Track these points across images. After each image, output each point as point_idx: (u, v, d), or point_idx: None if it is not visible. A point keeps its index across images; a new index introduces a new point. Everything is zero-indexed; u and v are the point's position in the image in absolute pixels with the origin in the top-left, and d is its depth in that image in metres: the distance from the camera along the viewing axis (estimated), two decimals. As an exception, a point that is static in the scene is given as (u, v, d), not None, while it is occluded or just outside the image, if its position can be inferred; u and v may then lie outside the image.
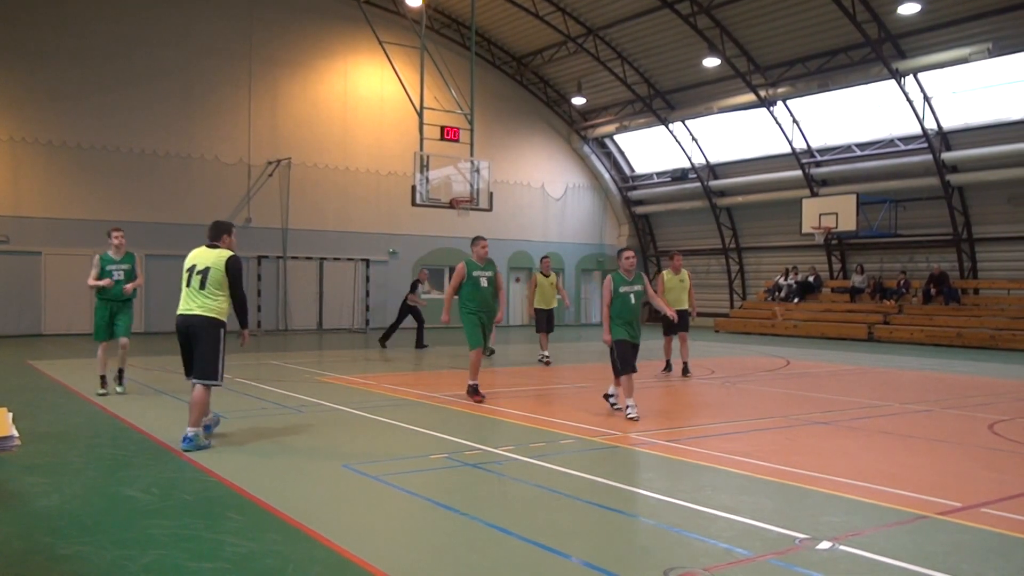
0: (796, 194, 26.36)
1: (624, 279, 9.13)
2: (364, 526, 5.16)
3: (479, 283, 10.31)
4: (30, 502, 5.44)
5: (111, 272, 10.46)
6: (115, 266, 10.52)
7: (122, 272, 10.51)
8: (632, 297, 9.09)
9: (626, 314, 9.04)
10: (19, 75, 21.94)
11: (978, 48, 20.44)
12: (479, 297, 10.31)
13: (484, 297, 10.37)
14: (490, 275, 10.44)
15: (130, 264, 10.69)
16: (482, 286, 10.33)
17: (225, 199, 24.73)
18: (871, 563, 4.41)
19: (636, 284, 9.16)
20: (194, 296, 7.40)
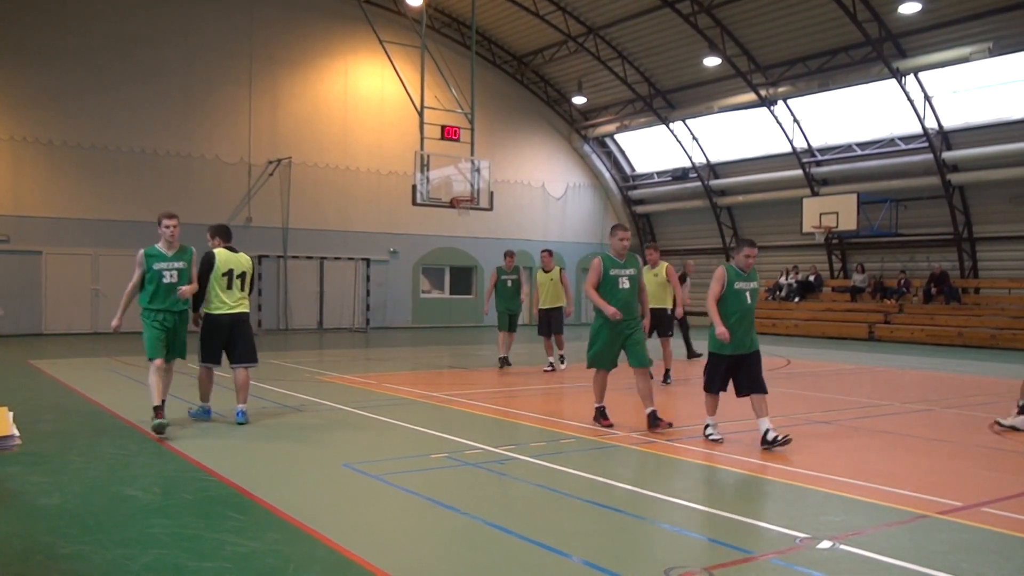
0: (797, 193, 26.34)
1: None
2: (365, 525, 5.16)
3: (617, 284, 8.25)
4: (31, 501, 5.45)
5: (161, 273, 8.05)
6: (166, 264, 8.10)
7: (175, 272, 8.09)
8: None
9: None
10: (20, 75, 21.94)
11: (979, 47, 20.42)
12: (618, 303, 8.19)
13: (626, 300, 8.28)
14: (632, 274, 8.34)
15: (186, 261, 8.25)
16: (621, 288, 8.25)
17: (226, 198, 24.74)
18: (872, 562, 4.41)
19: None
20: (237, 296, 8.69)
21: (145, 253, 8.11)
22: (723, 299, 7.56)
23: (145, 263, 8.06)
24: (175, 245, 8.23)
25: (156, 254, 8.16)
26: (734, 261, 7.74)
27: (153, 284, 8.01)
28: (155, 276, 8.02)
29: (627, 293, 8.26)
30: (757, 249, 7.80)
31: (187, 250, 8.34)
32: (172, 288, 8.03)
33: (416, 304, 28.51)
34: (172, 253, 8.20)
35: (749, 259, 7.63)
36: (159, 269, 8.05)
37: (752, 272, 7.76)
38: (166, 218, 8.23)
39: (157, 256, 8.14)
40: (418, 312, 28.51)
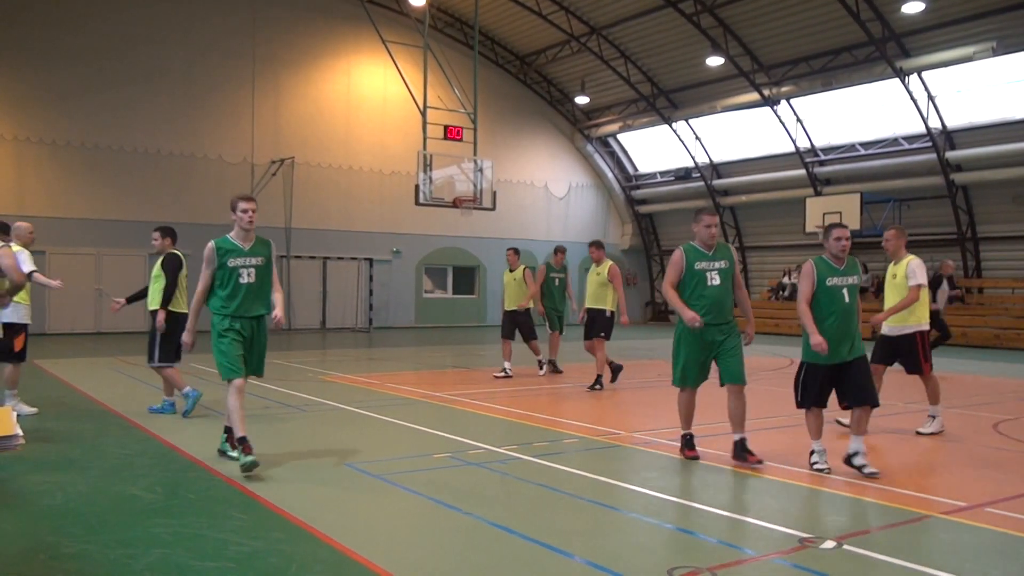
0: (800, 193, 26.32)
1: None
2: (367, 525, 5.16)
3: (705, 281, 6.85)
4: (34, 501, 5.45)
5: (237, 271, 6.51)
6: (243, 260, 6.54)
7: (253, 271, 6.57)
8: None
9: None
10: (23, 75, 21.98)
11: (982, 47, 20.38)
12: (706, 303, 6.80)
13: (716, 300, 6.84)
14: (725, 267, 6.93)
15: (265, 256, 6.69)
16: (711, 285, 6.83)
17: (228, 198, 24.48)
18: (875, 562, 4.40)
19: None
20: None
21: (216, 245, 6.50)
22: (816, 300, 6.57)
23: (216, 258, 6.47)
24: (252, 236, 6.65)
25: (231, 247, 6.54)
26: (826, 251, 6.63)
27: (228, 285, 6.48)
28: (229, 275, 6.48)
29: (718, 291, 6.84)
30: (848, 230, 6.67)
31: (266, 243, 6.76)
32: (251, 290, 6.52)
33: (419, 304, 28.52)
34: (249, 246, 6.60)
35: (840, 242, 6.53)
36: (234, 266, 6.47)
37: (851, 264, 6.64)
38: (243, 201, 6.61)
39: (232, 249, 6.53)
40: (421, 312, 28.52)
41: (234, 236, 6.66)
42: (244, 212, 6.62)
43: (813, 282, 6.56)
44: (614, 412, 9.79)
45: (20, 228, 9.30)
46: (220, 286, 6.54)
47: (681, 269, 6.91)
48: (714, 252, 6.97)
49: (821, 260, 6.62)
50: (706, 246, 6.97)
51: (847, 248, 6.55)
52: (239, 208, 6.63)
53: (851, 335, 6.54)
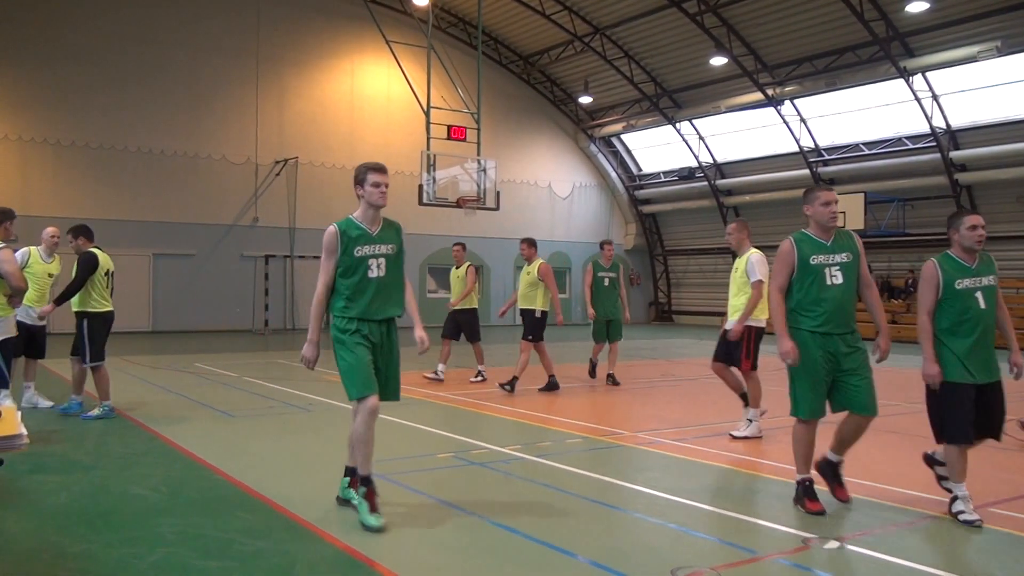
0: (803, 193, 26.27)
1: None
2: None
3: (824, 278, 5.36)
4: (39, 500, 5.47)
5: (365, 262, 5.22)
6: (371, 247, 5.26)
7: (382, 261, 5.27)
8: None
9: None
10: (27, 75, 22.03)
11: (987, 46, 20.35)
12: (826, 309, 5.31)
13: (839, 304, 5.32)
14: (847, 260, 5.39)
15: (396, 244, 5.41)
16: (831, 284, 5.34)
17: (232, 198, 24.80)
18: (879, 563, 4.40)
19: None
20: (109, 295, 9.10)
21: (340, 230, 5.19)
22: (943, 307, 5.22)
23: (340, 245, 5.16)
24: (379, 218, 5.36)
25: (358, 231, 5.21)
26: (955, 246, 5.27)
27: (353, 281, 5.15)
28: (355, 267, 5.14)
29: (840, 293, 5.31)
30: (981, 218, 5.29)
31: (396, 226, 5.48)
32: (382, 287, 5.21)
33: (422, 304, 28.21)
34: (378, 230, 5.29)
35: (976, 232, 5.19)
36: (362, 256, 5.13)
37: (984, 259, 5.29)
38: (375, 172, 5.25)
39: (361, 235, 5.19)
40: (424, 312, 28.13)
41: (359, 217, 5.28)
42: (376, 186, 5.19)
43: (938, 288, 5.21)
44: (617, 412, 9.79)
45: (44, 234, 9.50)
46: (343, 279, 5.20)
47: (791, 266, 5.45)
48: (834, 241, 5.47)
49: (947, 259, 5.28)
50: (824, 233, 5.52)
51: (983, 240, 5.20)
52: (369, 181, 5.21)
53: (991, 349, 5.38)
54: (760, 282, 7.82)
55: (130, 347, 17.94)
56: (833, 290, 5.33)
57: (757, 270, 7.89)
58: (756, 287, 7.83)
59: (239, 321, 24.59)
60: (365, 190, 5.30)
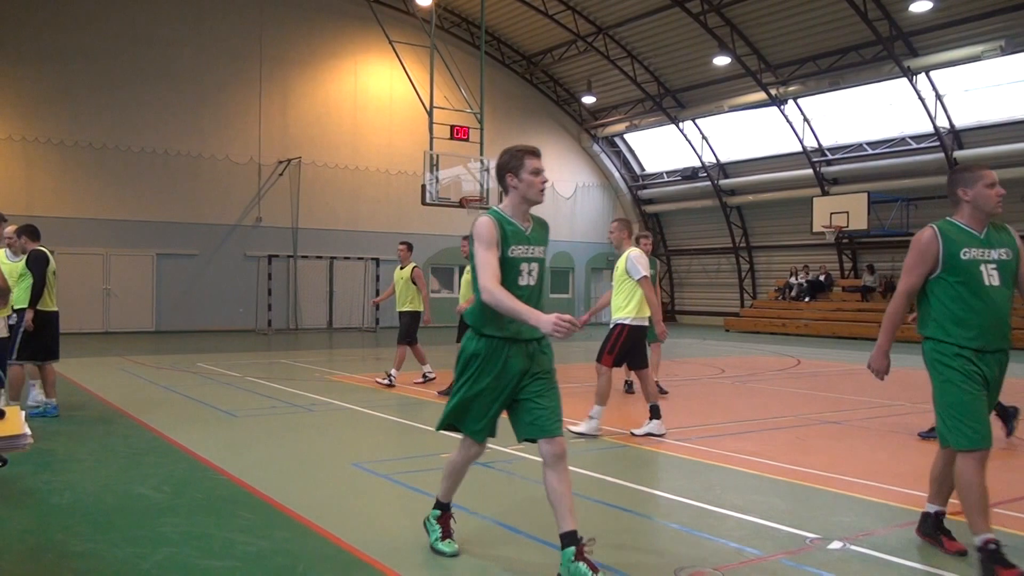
0: (807, 193, 26.27)
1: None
2: (374, 524, 5.16)
3: (980, 277, 4.40)
4: (43, 499, 5.47)
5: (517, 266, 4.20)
6: (524, 248, 4.24)
7: (536, 267, 4.30)
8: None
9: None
10: (31, 75, 22.08)
11: (991, 46, 20.32)
12: (983, 318, 4.40)
13: (998, 312, 4.45)
14: (1006, 258, 4.49)
15: (545, 246, 4.40)
16: (988, 285, 4.41)
17: (236, 198, 24.83)
18: (882, 563, 4.39)
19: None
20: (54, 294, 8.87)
21: (497, 219, 4.13)
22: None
23: (502, 238, 4.09)
24: (530, 216, 4.35)
25: (513, 228, 4.18)
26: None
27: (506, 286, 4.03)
28: (506, 270, 4.09)
29: (1000, 298, 4.38)
30: None
31: (545, 225, 4.45)
32: (533, 297, 4.18)
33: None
34: (531, 229, 4.28)
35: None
36: (515, 257, 4.14)
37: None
38: (532, 156, 4.28)
39: (513, 231, 4.17)
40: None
41: (509, 212, 4.22)
42: (536, 174, 4.21)
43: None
44: (620, 412, 9.78)
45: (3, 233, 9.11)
46: None
47: (934, 261, 4.34)
48: (987, 234, 4.43)
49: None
50: (978, 223, 4.44)
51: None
52: (527, 167, 4.19)
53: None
54: (646, 277, 7.96)
55: (133, 347, 17.97)
56: (991, 293, 4.37)
57: (638, 267, 7.94)
58: (645, 283, 7.93)
59: (242, 321, 24.62)
60: (521, 179, 4.21)
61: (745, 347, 20.89)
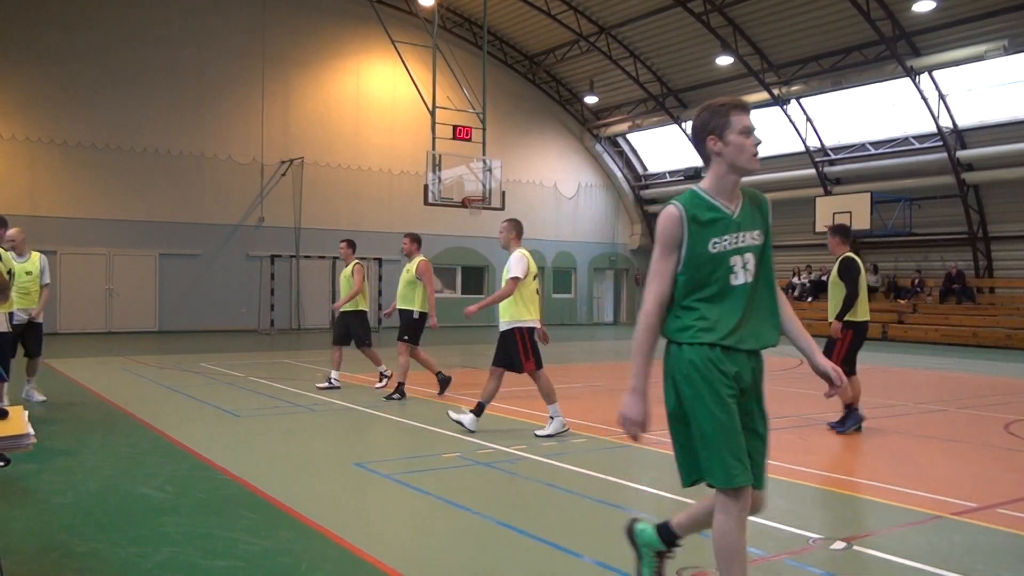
0: (809, 192, 26.25)
1: None
2: (377, 524, 5.16)
3: None
4: (45, 499, 5.48)
5: (724, 261, 3.19)
6: (732, 237, 3.22)
7: (751, 258, 3.23)
8: None
9: None
10: (35, 76, 22.10)
11: (994, 45, 20.29)
12: None
13: None
14: None
15: (763, 229, 3.32)
16: None
17: (238, 198, 24.84)
18: (885, 563, 4.39)
19: None
20: None
21: (685, 210, 3.24)
22: None
23: (688, 234, 3.19)
24: (739, 192, 3.37)
25: (713, 213, 3.25)
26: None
27: (709, 288, 3.22)
28: (711, 269, 3.19)
29: None
30: None
31: (762, 201, 3.45)
32: (751, 297, 3.25)
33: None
34: (738, 210, 3.30)
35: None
36: (719, 252, 3.19)
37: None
38: (740, 111, 3.38)
39: (715, 218, 3.24)
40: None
41: (711, 190, 3.29)
42: (746, 134, 3.25)
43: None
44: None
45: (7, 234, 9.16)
46: (689, 290, 3.20)
47: None
48: None
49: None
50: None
51: None
52: (734, 126, 3.24)
53: None
54: (515, 279, 7.85)
55: (136, 347, 17.99)
56: None
57: (513, 268, 7.91)
58: (511, 283, 7.84)
59: (245, 321, 24.64)
60: (726, 142, 3.23)
61: (748, 347, 20.81)
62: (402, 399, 10.24)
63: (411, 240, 10.79)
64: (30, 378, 9.68)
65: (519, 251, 8.09)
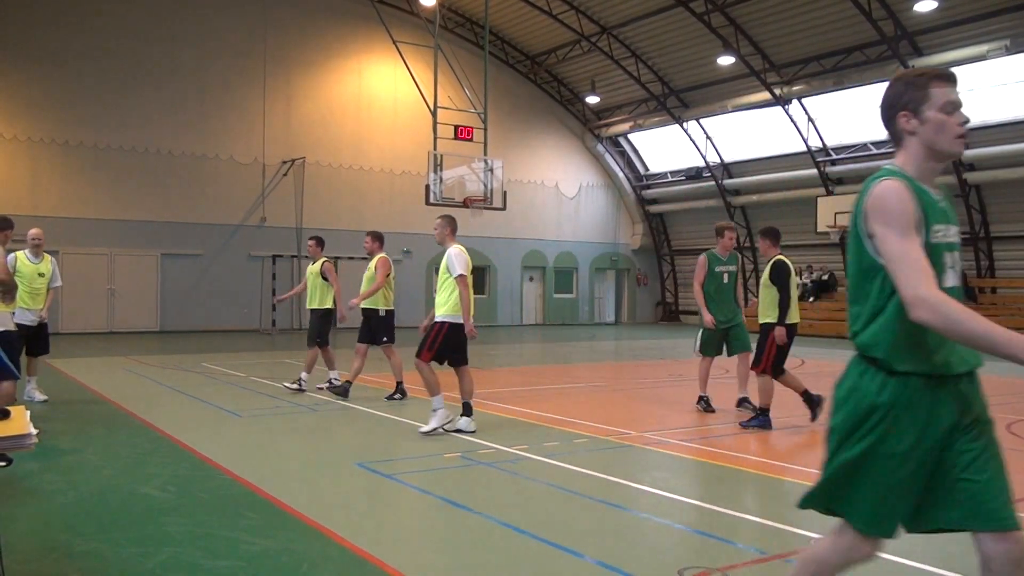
0: (811, 193, 26.24)
1: None
2: (378, 524, 5.16)
3: None
4: (47, 499, 5.48)
5: (940, 252, 2.61)
6: (943, 228, 2.61)
7: (956, 257, 2.71)
8: None
9: None
10: (36, 76, 22.13)
11: (996, 45, 20.28)
12: None
13: None
14: None
15: (957, 223, 2.73)
16: None
17: (240, 199, 24.86)
18: (889, 564, 4.38)
19: None
20: None
21: (906, 181, 2.61)
22: None
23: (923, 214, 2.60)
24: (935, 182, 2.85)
25: (929, 198, 2.63)
26: None
27: None
28: None
29: None
30: None
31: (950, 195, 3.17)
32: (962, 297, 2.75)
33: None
34: (943, 199, 2.74)
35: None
36: (939, 243, 2.64)
37: None
38: (940, 83, 2.67)
39: (931, 204, 2.63)
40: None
41: (914, 173, 2.68)
42: (950, 110, 2.63)
43: None
44: (624, 412, 9.77)
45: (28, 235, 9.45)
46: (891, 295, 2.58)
47: None
48: None
49: None
50: None
51: None
52: (936, 100, 2.64)
53: None
54: (463, 276, 7.85)
55: (138, 347, 18.00)
56: None
57: (456, 264, 7.87)
58: (460, 281, 7.84)
59: (246, 321, 24.65)
60: (927, 118, 2.65)
61: (749, 347, 20.80)
62: (403, 398, 10.17)
63: (372, 239, 10.46)
64: (31, 377, 9.71)
65: (456, 247, 8.03)
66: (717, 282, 9.25)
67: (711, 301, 9.23)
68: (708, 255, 9.27)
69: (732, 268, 9.35)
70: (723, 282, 9.22)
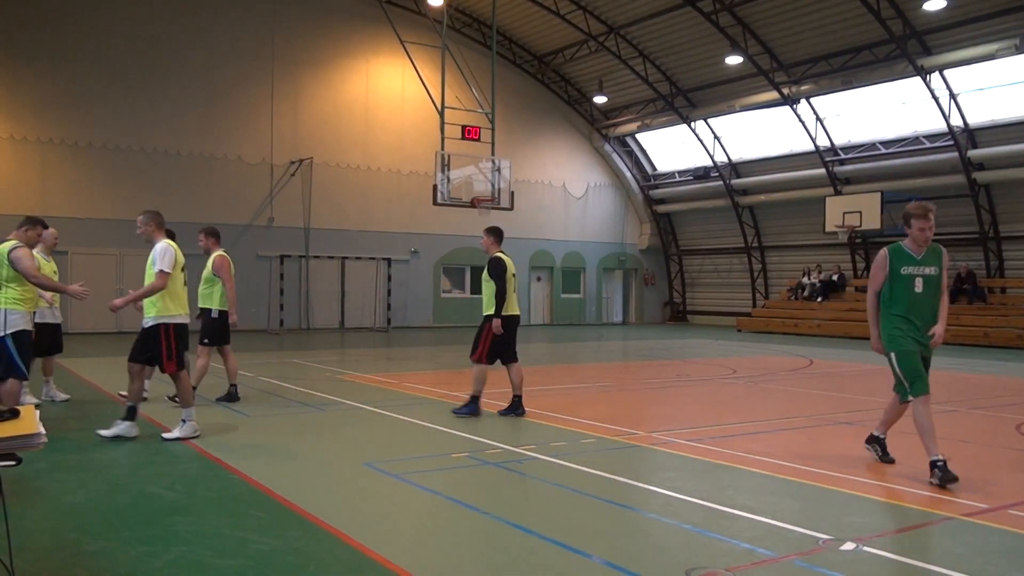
0: (819, 192, 26.16)
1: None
2: (386, 524, 5.17)
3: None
4: (56, 499, 5.51)
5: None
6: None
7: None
8: None
9: None
10: (45, 77, 22.21)
11: (1005, 44, 20.18)
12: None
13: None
14: None
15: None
16: None
17: (248, 199, 24.92)
18: (895, 564, 4.37)
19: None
20: None
21: None
22: None
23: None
24: None
25: None
26: None
27: None
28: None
29: None
30: None
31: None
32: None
33: (436, 303, 28.58)
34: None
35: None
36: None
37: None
38: None
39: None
40: (438, 311, 28.56)
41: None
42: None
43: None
44: (631, 412, 9.77)
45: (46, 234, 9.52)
46: None
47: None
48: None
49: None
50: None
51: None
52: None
53: None
54: (163, 272, 7.55)
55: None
56: None
57: (158, 260, 7.60)
58: (160, 277, 7.53)
59: (254, 321, 24.70)
60: None
61: (757, 347, 20.79)
62: (232, 402, 9.69)
63: (206, 235, 9.94)
64: (48, 378, 9.78)
65: (164, 242, 7.76)
66: (908, 289, 6.42)
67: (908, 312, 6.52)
68: (892, 251, 6.46)
69: (931, 270, 6.39)
70: (916, 291, 6.37)
